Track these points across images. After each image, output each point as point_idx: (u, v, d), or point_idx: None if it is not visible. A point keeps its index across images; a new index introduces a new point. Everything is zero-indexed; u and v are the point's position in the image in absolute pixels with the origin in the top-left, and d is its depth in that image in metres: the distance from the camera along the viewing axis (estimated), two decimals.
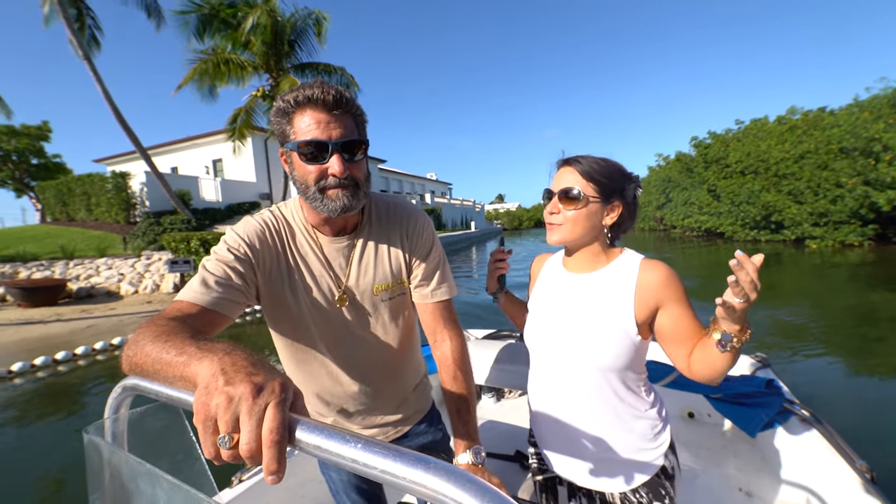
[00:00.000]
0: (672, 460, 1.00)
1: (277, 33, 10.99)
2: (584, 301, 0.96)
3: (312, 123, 0.78)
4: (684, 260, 15.16)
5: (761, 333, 5.81)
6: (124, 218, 15.79)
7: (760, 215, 19.12)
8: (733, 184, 21.03)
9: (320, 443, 0.38)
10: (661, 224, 33.07)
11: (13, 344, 6.72)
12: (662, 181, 30.89)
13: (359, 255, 0.96)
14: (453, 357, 0.98)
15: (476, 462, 0.89)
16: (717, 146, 23.69)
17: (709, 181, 23.72)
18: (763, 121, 22.31)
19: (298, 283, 0.93)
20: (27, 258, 11.06)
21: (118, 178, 15.89)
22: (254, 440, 0.40)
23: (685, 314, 0.88)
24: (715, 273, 11.90)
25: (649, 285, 0.89)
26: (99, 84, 12.93)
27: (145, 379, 0.55)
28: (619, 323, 0.89)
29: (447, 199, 40.70)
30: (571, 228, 0.93)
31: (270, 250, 0.91)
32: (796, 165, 17.58)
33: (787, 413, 1.48)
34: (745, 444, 1.78)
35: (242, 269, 0.84)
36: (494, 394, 2.48)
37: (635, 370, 0.95)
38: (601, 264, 0.98)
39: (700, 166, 25.19)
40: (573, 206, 0.91)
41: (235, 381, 0.42)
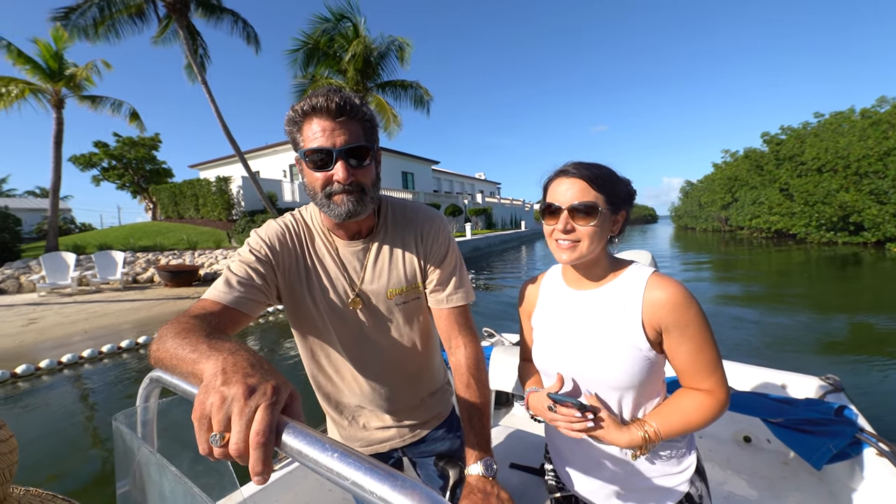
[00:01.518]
0: (700, 488, 0.92)
1: (367, 59, 12.75)
2: (591, 318, 0.90)
3: (318, 131, 0.79)
4: (751, 264, 14.65)
5: (834, 351, 5.16)
6: (226, 216, 18.44)
7: (837, 216, 18.08)
8: (808, 182, 19.94)
9: (301, 448, 0.38)
10: (727, 225, 31.52)
11: (172, 314, 8.73)
12: (728, 179, 29.47)
13: (373, 258, 0.97)
14: (467, 364, 0.96)
15: (486, 474, 0.85)
16: (790, 142, 22.45)
17: (781, 179, 22.54)
18: (844, 115, 20.83)
19: (315, 285, 0.94)
20: (164, 248, 13.67)
21: (221, 182, 18.59)
22: (242, 441, 0.41)
23: (686, 344, 0.82)
24: (784, 281, 11.23)
25: (653, 305, 0.82)
26: (212, 104, 15.38)
27: (166, 373, 0.57)
28: (629, 339, 0.84)
29: (497, 199, 41.36)
30: (589, 245, 0.85)
31: (290, 252, 0.93)
32: (880, 163, 16.51)
33: (859, 444, 1.33)
34: (810, 477, 1.63)
35: (263, 269, 0.87)
36: None
37: (652, 387, 0.88)
38: (607, 279, 0.91)
39: (771, 163, 23.96)
40: (589, 221, 0.83)
41: (231, 381, 0.44)
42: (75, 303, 9.29)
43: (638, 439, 0.81)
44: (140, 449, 0.60)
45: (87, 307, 8.85)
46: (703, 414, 0.82)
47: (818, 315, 6.95)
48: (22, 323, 7.58)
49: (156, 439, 0.64)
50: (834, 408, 1.40)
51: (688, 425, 0.83)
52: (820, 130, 21.18)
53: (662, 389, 0.93)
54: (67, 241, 14.60)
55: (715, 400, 0.82)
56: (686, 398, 0.84)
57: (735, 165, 29.02)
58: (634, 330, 0.83)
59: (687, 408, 0.83)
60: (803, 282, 10.80)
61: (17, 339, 6.65)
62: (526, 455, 1.35)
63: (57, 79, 12.40)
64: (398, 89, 14.18)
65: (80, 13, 12.56)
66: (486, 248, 22.05)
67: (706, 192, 35.09)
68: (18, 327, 7.31)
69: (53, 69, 12.32)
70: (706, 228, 36.11)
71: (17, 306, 9.00)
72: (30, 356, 5.66)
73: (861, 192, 17.02)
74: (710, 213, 33.19)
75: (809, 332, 6.04)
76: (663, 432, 0.82)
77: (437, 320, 1.02)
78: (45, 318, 8.00)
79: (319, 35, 13.14)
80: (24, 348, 6.19)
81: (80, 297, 9.80)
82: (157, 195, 21.97)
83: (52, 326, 7.40)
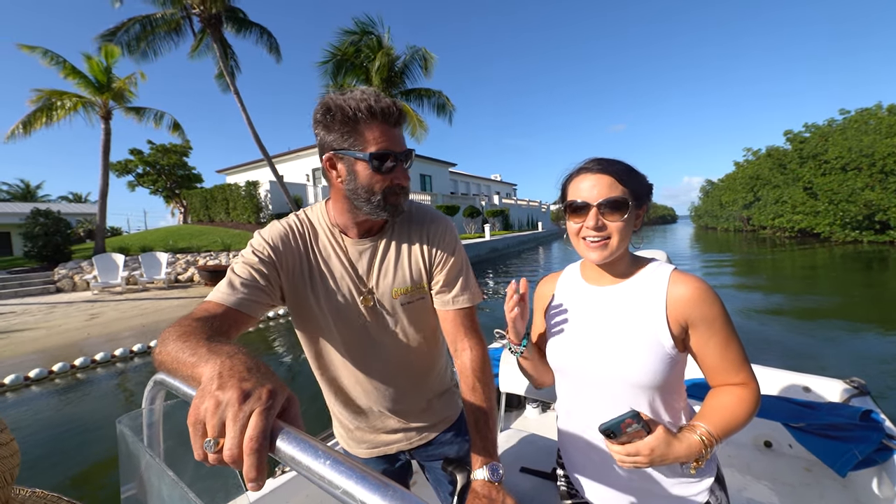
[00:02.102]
0: (720, 497, 0.89)
1: (391, 69, 13.34)
2: (611, 314, 0.88)
3: (382, 136, 0.81)
4: (773, 264, 14.71)
5: (859, 355, 4.97)
6: (255, 219, 19.30)
7: (862, 214, 17.77)
8: (832, 181, 19.63)
9: (294, 454, 0.38)
10: (748, 224, 31.02)
11: None
12: (750, 178, 29.04)
13: (380, 257, 0.96)
14: (472, 367, 0.95)
15: (492, 479, 0.84)
16: (814, 140, 22.10)
17: (804, 178, 22.19)
18: (871, 111, 20.42)
19: (320, 285, 0.94)
20: (200, 249, 14.51)
21: (250, 187, 19.47)
22: (236, 446, 0.40)
23: (713, 339, 0.80)
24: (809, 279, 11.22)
25: (678, 300, 0.81)
26: (243, 111, 16.17)
27: (168, 376, 0.57)
28: (653, 335, 0.81)
29: (514, 201, 41.58)
30: (619, 241, 0.83)
31: (294, 252, 0.92)
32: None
33: (887, 451, 1.29)
34: (835, 483, 1.58)
35: (266, 270, 0.86)
36: (539, 405, 2.32)
37: (673, 389, 0.86)
38: (628, 274, 0.90)
39: (795, 162, 23.59)
40: (619, 216, 0.82)
41: (226, 386, 0.44)
42: (127, 300, 10.08)
43: (696, 445, 0.75)
44: (143, 452, 0.60)
45: (140, 304, 9.61)
46: (747, 407, 0.79)
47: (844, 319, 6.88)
48: (83, 319, 8.35)
49: (161, 442, 0.64)
50: (859, 412, 1.35)
51: (736, 420, 0.79)
52: (846, 127, 20.79)
53: (683, 392, 0.90)
54: (112, 242, 15.61)
55: (751, 391, 0.81)
56: (724, 395, 0.82)
57: (757, 164, 28.59)
58: (659, 326, 0.81)
59: (730, 404, 0.80)
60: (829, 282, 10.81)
61: (83, 331, 7.39)
62: (537, 459, 1.32)
63: (105, 91, 13.35)
64: (422, 97, 14.77)
65: (125, 31, 13.54)
66: (503, 249, 22.38)
67: (727, 191, 34.54)
68: (81, 323, 8.06)
69: (102, 83, 13.29)
70: (727, 228, 35.56)
71: (76, 303, 9.84)
72: (94, 348, 6.34)
73: (887, 189, 16.73)
74: (732, 213, 32.71)
75: (834, 332, 6.06)
76: (716, 433, 0.77)
77: (442, 322, 1.01)
78: (105, 313, 8.77)
79: (347, 46, 13.84)
80: (89, 341, 6.89)
81: (129, 295, 10.60)
82: (189, 199, 23.09)
83: (112, 321, 8.13)
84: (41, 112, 12.36)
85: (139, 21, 13.69)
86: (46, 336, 7.12)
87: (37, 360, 5.75)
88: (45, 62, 12.29)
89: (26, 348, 6.44)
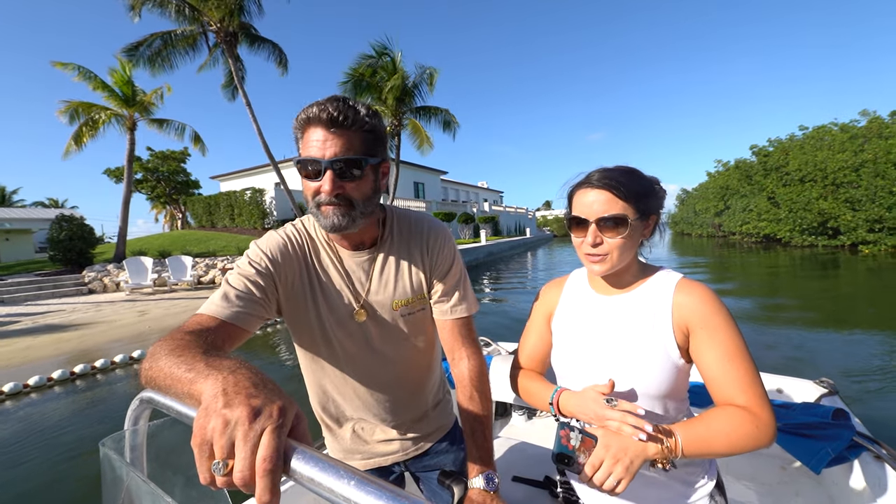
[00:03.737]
0: (719, 501, 0.89)
1: (404, 89, 14.69)
2: (618, 323, 0.88)
3: (312, 141, 0.78)
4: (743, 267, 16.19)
5: (823, 355, 5.22)
6: (261, 225, 20.05)
7: (817, 222, 20.00)
8: (792, 191, 21.91)
9: (314, 475, 0.36)
10: (720, 230, 33.40)
11: None
12: (720, 188, 31.44)
13: (379, 269, 0.95)
14: (470, 377, 0.95)
15: (487, 488, 0.85)
16: (777, 154, 24.45)
17: (768, 188, 24.51)
18: (826, 128, 22.79)
19: (319, 297, 0.93)
20: (216, 253, 15.26)
21: (256, 194, 20.23)
22: (247, 468, 0.38)
23: (715, 349, 0.78)
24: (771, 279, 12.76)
25: (681, 307, 0.81)
26: (254, 122, 17.05)
27: (159, 393, 0.54)
28: (660, 345, 0.82)
29: (503, 207, 43.15)
30: (619, 256, 0.83)
31: (292, 263, 0.90)
32: (854, 174, 18.42)
33: (857, 448, 1.31)
34: (810, 481, 1.63)
35: (263, 282, 0.84)
36: (525, 412, 2.32)
37: (677, 397, 0.86)
38: (635, 284, 0.89)
39: (759, 174, 25.92)
40: (618, 234, 0.81)
41: (234, 403, 0.41)
42: (163, 299, 10.86)
43: (656, 447, 0.74)
44: (130, 476, 0.55)
45: (177, 302, 10.43)
46: (737, 432, 0.72)
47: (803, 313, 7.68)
48: (135, 315, 9.15)
49: (146, 465, 0.60)
50: (831, 411, 1.40)
51: (713, 442, 0.73)
52: (804, 143, 23.12)
53: (686, 401, 0.90)
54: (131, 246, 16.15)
55: (753, 419, 0.73)
56: (719, 413, 0.76)
57: (727, 175, 30.98)
58: (665, 334, 0.81)
59: (717, 423, 0.74)
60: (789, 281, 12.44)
61: (142, 325, 8.23)
62: (528, 467, 1.32)
63: (131, 104, 14.10)
64: (430, 114, 16.15)
65: (147, 45, 14.32)
66: (498, 253, 23.80)
67: (700, 199, 37.09)
68: (135, 318, 8.87)
69: (127, 95, 14.03)
70: (701, 234, 37.97)
71: (116, 302, 10.57)
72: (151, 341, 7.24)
73: (838, 200, 18.93)
74: (705, 220, 35.07)
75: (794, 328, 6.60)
76: (687, 449, 0.74)
77: (440, 331, 1.01)
78: (151, 310, 9.57)
79: (364, 69, 15.06)
80: (149, 333, 7.77)
81: (160, 296, 11.36)
82: (191, 205, 23.57)
83: (162, 317, 8.96)
84: (87, 126, 13.05)
85: (160, 36, 14.52)
86: (112, 329, 7.93)
87: (121, 347, 6.62)
88: (77, 77, 12.99)
89: (104, 338, 7.28)
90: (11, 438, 3.86)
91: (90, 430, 4.00)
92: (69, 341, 7.17)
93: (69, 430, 3.99)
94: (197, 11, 14.46)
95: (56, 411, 4.46)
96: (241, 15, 15.04)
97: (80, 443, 3.72)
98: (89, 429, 4.03)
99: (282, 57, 17.42)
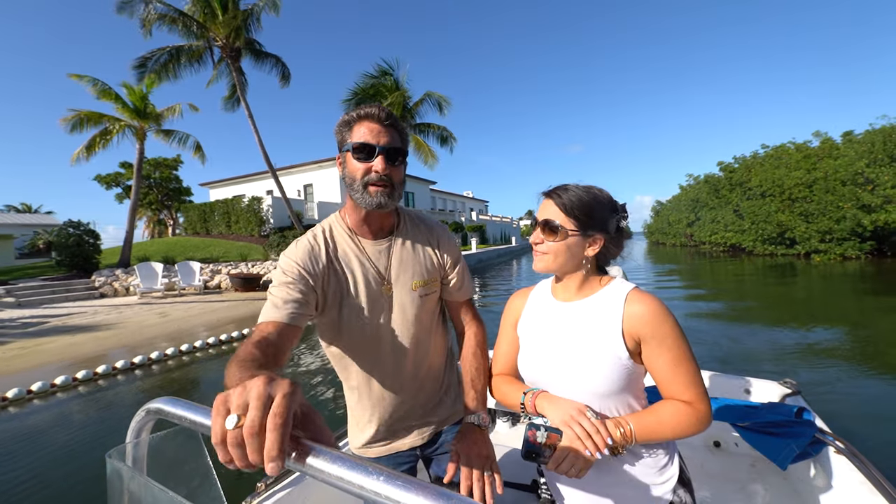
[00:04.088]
0: (682, 496, 0.95)
1: (404, 107, 15.84)
2: (573, 327, 0.96)
3: (366, 131, 0.95)
4: (712, 272, 17.75)
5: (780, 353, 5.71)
6: (258, 232, 20.53)
7: (776, 232, 22.02)
8: (754, 205, 23.95)
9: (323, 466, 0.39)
10: (692, 240, 35.59)
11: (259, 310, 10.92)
12: (692, 201, 33.68)
13: (398, 253, 1.09)
14: (476, 339, 1.16)
15: (481, 424, 1.03)
16: (741, 170, 26.62)
17: (733, 202, 26.64)
18: (784, 147, 25.04)
19: (347, 289, 1.04)
20: (219, 259, 15.77)
21: (253, 202, 20.75)
22: (257, 419, 0.42)
23: (664, 356, 0.87)
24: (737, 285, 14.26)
25: (632, 317, 0.89)
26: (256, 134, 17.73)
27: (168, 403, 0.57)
28: (610, 348, 0.90)
29: (489, 217, 44.52)
30: (553, 258, 0.95)
31: (320, 265, 1.02)
32: (808, 190, 20.45)
33: (820, 444, 1.41)
34: (776, 477, 1.70)
35: (301, 285, 0.96)
36: (509, 418, 2.38)
37: (633, 395, 0.94)
38: (589, 292, 0.98)
39: (726, 188, 28.10)
40: (553, 238, 0.93)
41: (253, 377, 0.48)
42: (176, 303, 11.40)
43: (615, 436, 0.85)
44: (147, 487, 0.55)
45: (192, 306, 11.00)
46: (679, 421, 0.85)
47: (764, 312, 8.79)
48: (156, 317, 9.72)
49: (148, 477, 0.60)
50: (794, 409, 1.50)
51: (663, 431, 0.86)
52: (765, 160, 25.31)
53: (643, 397, 0.98)
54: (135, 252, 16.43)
55: (694, 411, 0.86)
56: (666, 405, 0.88)
57: (697, 188, 33.24)
58: (615, 339, 0.89)
59: (664, 414, 0.87)
60: (752, 285, 13.90)
61: (170, 325, 8.84)
62: (515, 472, 1.36)
63: (144, 117, 14.65)
64: (429, 130, 17.35)
65: (155, 59, 14.92)
66: (487, 261, 24.95)
67: (674, 211, 39.45)
68: (158, 319, 9.45)
69: (139, 108, 14.58)
70: (675, 244, 40.22)
71: (133, 306, 11.07)
72: (191, 337, 7.93)
73: (793, 213, 20.93)
74: (678, 230, 37.28)
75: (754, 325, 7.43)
76: (638, 435, 0.86)
77: (453, 311, 1.22)
78: (170, 313, 10.14)
79: (368, 87, 16.09)
80: (180, 332, 8.43)
81: (170, 300, 11.87)
82: (186, 213, 23.80)
83: (184, 318, 9.57)
84: (100, 136, 13.54)
85: (168, 51, 15.16)
86: (142, 329, 8.52)
87: (159, 344, 7.26)
88: (91, 89, 13.50)
89: (140, 336, 7.90)
90: (94, 417, 4.60)
91: None
92: (107, 339, 7.75)
93: None
94: (204, 28, 15.21)
95: (129, 394, 5.20)
96: (246, 31, 15.85)
97: None
98: None
99: (284, 70, 18.24)
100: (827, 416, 1.59)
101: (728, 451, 1.90)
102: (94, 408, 4.70)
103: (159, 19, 14.29)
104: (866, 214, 17.39)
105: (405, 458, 1.18)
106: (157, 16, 14.29)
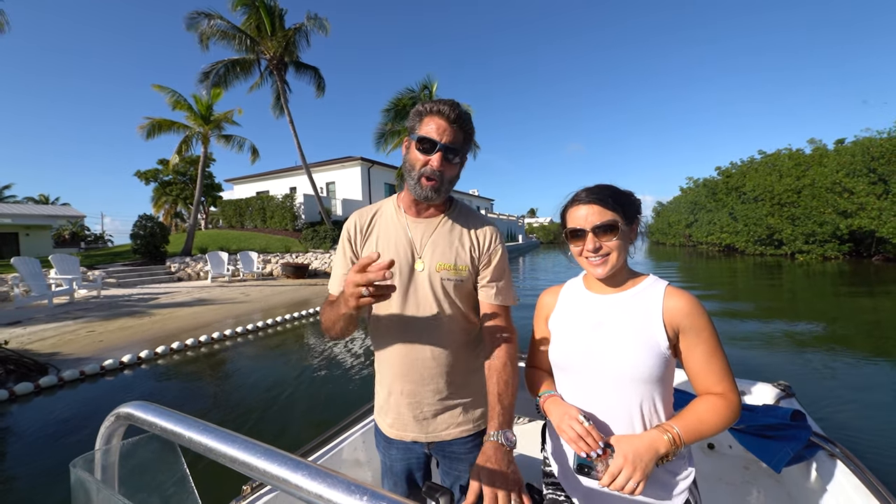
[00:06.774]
0: (696, 495, 0.98)
1: None
2: (613, 315, 0.99)
3: (434, 127, 1.01)
4: (707, 270, 19.19)
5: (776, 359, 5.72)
6: (292, 227, 22.40)
7: (766, 234, 24.11)
8: (748, 208, 26.00)
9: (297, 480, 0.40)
10: (690, 240, 37.52)
11: (316, 293, 12.83)
12: (691, 203, 35.62)
13: (433, 233, 1.14)
14: (507, 351, 1.07)
15: (507, 444, 0.93)
16: (737, 175, 28.61)
17: (729, 205, 28.65)
18: (777, 154, 26.99)
19: (378, 248, 1.14)
20: (260, 251, 17.72)
21: (287, 198, 22.64)
22: None
23: (700, 347, 0.91)
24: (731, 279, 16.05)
25: (672, 309, 0.92)
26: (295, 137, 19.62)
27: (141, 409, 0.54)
28: (651, 334, 0.92)
29: (496, 215, 46.24)
30: (617, 257, 0.97)
31: (361, 228, 1.17)
32: (796, 195, 22.46)
33: (814, 447, 1.40)
34: (770, 480, 1.69)
35: (350, 252, 1.16)
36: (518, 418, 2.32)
37: (666, 388, 0.96)
38: (627, 284, 1.01)
39: (722, 192, 30.08)
40: (612, 237, 0.95)
41: None
42: (245, 286, 13.30)
43: (659, 441, 0.85)
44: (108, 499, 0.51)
45: (262, 289, 12.91)
46: (718, 414, 0.88)
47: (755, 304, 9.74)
48: (241, 295, 11.62)
49: (117, 488, 0.58)
50: (789, 412, 1.47)
51: (707, 428, 0.88)
52: (759, 167, 27.25)
53: (671, 394, 0.99)
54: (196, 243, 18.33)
55: (728, 402, 0.89)
56: (700, 403, 0.91)
57: (696, 191, 35.13)
58: (656, 327, 0.92)
59: (701, 410, 0.89)
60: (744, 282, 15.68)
61: (261, 303, 10.78)
62: None
63: (209, 123, 16.62)
64: None
65: (216, 72, 16.84)
66: None
67: (673, 212, 41.41)
68: (243, 297, 11.37)
69: (205, 116, 16.55)
70: (674, 243, 41.98)
71: (213, 287, 12.97)
72: (287, 309, 9.89)
73: (782, 217, 22.97)
74: (677, 231, 39.16)
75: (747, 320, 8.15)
76: (685, 436, 0.86)
77: (484, 312, 1.14)
78: (250, 293, 12.07)
79: (406, 100, 18.05)
80: (273, 307, 10.39)
81: (237, 285, 13.72)
82: (222, 207, 25.65)
83: (265, 297, 11.48)
84: (184, 142, 15.49)
85: (225, 64, 17.06)
86: (244, 304, 10.38)
87: (276, 311, 9.18)
88: (169, 99, 15.48)
89: (248, 308, 9.80)
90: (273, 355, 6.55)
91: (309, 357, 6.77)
92: (229, 308, 9.68)
93: (293, 357, 6.77)
94: (256, 43, 17.09)
95: (282, 344, 7.17)
96: (297, 48, 17.74)
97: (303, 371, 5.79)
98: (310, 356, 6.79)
99: (321, 81, 20.08)
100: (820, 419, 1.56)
101: (722, 454, 1.90)
102: (263, 349, 6.73)
103: (217, 35, 16.20)
104: (843, 219, 19.44)
105: (416, 449, 1.19)
106: (217, 31, 16.20)
